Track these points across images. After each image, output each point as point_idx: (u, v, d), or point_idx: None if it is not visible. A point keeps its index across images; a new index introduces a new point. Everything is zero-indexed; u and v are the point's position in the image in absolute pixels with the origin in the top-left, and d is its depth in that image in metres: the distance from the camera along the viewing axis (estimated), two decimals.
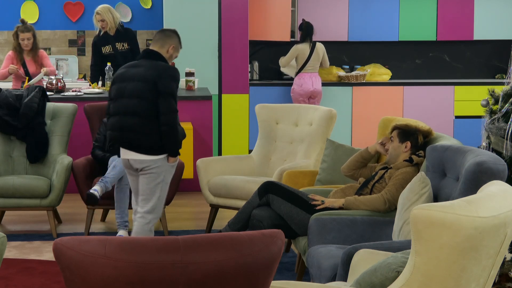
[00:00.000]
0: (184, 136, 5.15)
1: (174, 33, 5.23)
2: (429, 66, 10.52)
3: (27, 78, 7.85)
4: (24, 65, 7.92)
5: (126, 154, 5.06)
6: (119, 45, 8.34)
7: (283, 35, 9.83)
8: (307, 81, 9.34)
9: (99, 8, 8.27)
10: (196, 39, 8.77)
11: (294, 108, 6.61)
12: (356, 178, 5.13)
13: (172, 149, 5.00)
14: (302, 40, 9.41)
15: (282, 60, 9.51)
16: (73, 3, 9.71)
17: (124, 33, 8.39)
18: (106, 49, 8.36)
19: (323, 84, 9.59)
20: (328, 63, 9.54)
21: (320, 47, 9.40)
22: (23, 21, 7.86)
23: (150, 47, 5.15)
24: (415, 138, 4.81)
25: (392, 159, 4.88)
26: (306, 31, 9.38)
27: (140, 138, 4.96)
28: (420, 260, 2.71)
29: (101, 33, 8.35)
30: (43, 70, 7.88)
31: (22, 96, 6.75)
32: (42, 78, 7.92)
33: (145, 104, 4.93)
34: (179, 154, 5.08)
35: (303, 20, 9.55)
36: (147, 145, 4.97)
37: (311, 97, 9.38)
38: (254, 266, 2.51)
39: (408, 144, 4.81)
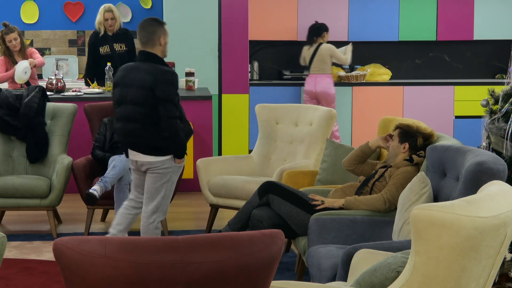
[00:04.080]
0: (191, 133, 5.23)
1: (153, 24, 5.10)
2: (429, 66, 10.52)
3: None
4: None
5: (134, 155, 5.15)
6: (117, 46, 8.33)
7: (283, 35, 9.83)
8: (310, 83, 9.36)
9: (111, 6, 8.26)
10: (196, 39, 8.77)
11: (294, 108, 6.61)
12: (357, 173, 5.13)
13: (178, 152, 5.07)
14: (307, 42, 9.45)
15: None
16: (73, 3, 9.71)
17: (123, 34, 8.39)
18: (104, 50, 8.35)
19: None
20: (343, 59, 9.39)
21: (324, 48, 9.34)
22: (5, 24, 7.85)
23: (144, 48, 5.09)
24: (414, 140, 4.81)
25: (391, 158, 4.89)
26: (310, 32, 9.43)
27: (144, 142, 5.04)
28: (420, 260, 2.71)
29: (100, 33, 8.34)
30: (29, 61, 7.82)
31: (22, 96, 6.75)
32: (33, 66, 7.85)
33: (145, 111, 4.97)
34: (185, 154, 5.15)
35: (315, 21, 9.57)
36: (152, 147, 5.04)
37: (317, 99, 9.35)
38: (254, 266, 2.51)
39: (407, 145, 4.81)
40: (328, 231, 4.51)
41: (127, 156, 5.26)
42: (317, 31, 9.40)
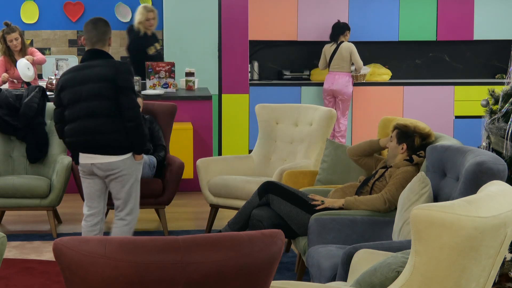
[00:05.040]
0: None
1: (105, 25, 5.01)
2: (429, 66, 10.52)
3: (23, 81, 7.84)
4: None
5: (90, 158, 4.94)
6: (157, 45, 8.53)
7: (283, 35, 9.84)
8: (328, 80, 9.47)
9: (151, 5, 8.39)
10: (196, 39, 8.77)
11: (294, 108, 6.62)
12: (360, 163, 5.15)
13: (139, 146, 4.91)
14: (330, 40, 9.53)
15: (319, 64, 9.65)
16: (73, 3, 9.71)
17: (155, 34, 8.60)
18: (151, 50, 8.50)
19: None
20: (359, 63, 9.43)
21: (345, 47, 9.39)
22: (7, 24, 7.85)
23: (94, 47, 4.96)
24: (412, 141, 4.80)
25: (390, 159, 4.89)
26: (334, 31, 9.52)
27: (107, 138, 4.84)
28: (420, 260, 2.71)
29: (140, 33, 8.46)
30: (26, 57, 7.81)
31: (22, 96, 6.75)
32: (31, 61, 7.84)
33: (107, 103, 4.80)
34: (144, 150, 5.03)
35: (338, 20, 9.60)
36: (115, 144, 4.85)
37: (333, 96, 9.45)
38: (254, 266, 2.50)
39: (404, 146, 4.81)
40: (328, 231, 4.51)
41: (77, 162, 5.03)
42: (341, 29, 9.47)
